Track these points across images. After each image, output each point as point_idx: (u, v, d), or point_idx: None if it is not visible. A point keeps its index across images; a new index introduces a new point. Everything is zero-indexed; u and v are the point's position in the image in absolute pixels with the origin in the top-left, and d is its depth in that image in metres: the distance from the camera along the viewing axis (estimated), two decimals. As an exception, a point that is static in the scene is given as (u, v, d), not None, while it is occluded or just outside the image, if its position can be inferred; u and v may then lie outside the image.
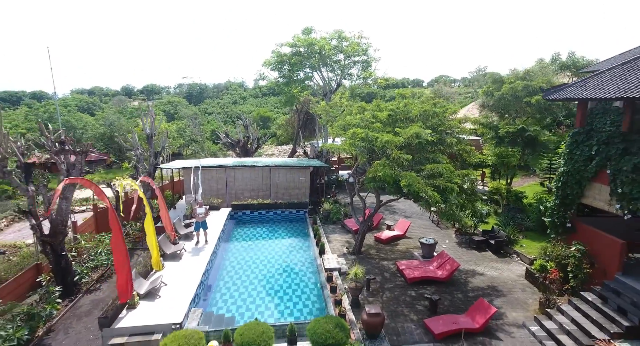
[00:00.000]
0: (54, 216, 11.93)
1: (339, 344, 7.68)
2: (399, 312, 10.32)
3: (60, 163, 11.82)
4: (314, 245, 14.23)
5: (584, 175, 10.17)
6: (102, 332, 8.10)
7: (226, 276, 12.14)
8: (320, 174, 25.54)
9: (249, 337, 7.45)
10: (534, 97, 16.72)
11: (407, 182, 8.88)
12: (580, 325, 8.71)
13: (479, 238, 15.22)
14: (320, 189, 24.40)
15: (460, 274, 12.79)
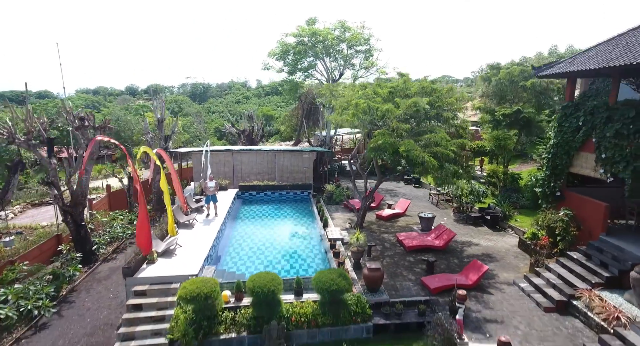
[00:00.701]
0: (74, 187, 12.75)
1: (342, 290, 8.40)
2: (397, 273, 11.04)
3: (80, 138, 12.61)
4: (318, 220, 14.96)
5: (572, 145, 10.82)
6: (126, 281, 8.87)
7: (235, 244, 12.92)
8: (324, 162, 26.23)
9: (259, 283, 8.18)
10: (529, 80, 17.34)
11: (406, 148, 9.58)
12: (565, 279, 9.39)
13: (475, 214, 15.89)
14: (324, 176, 25.11)
15: (456, 244, 13.47)
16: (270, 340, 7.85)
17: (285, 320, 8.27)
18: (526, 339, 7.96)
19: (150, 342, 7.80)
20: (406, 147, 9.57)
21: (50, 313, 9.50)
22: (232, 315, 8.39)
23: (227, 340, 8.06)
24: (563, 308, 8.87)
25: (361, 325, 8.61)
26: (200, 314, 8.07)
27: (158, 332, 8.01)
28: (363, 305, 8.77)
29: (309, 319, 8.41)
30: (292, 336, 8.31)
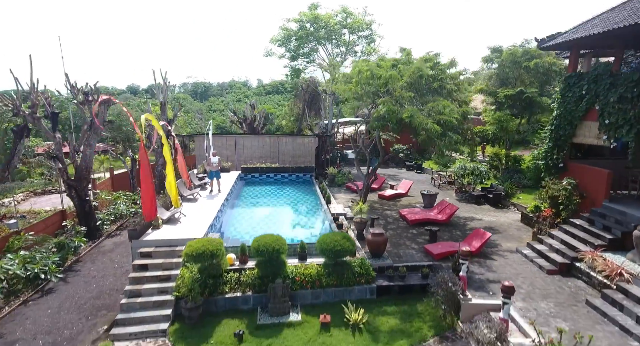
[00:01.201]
0: (78, 162, 12.82)
1: (346, 251, 8.46)
2: (400, 243, 11.09)
3: (84, 113, 12.66)
4: (321, 197, 15.01)
5: (575, 115, 10.84)
6: (132, 243, 8.93)
7: (238, 217, 13.01)
8: (325, 150, 26.27)
9: (264, 242, 8.24)
10: (533, 60, 17.32)
11: (409, 114, 9.61)
12: (568, 244, 9.43)
13: (477, 193, 15.92)
14: (326, 164, 25.15)
15: (459, 219, 13.51)
16: (275, 298, 7.91)
17: (289, 280, 8.33)
18: (529, 296, 8.01)
19: (156, 299, 7.87)
20: (409, 114, 9.60)
21: (57, 278, 9.58)
22: (237, 276, 8.46)
23: (232, 298, 8.13)
24: (566, 270, 8.92)
25: (365, 286, 8.66)
26: (205, 272, 8.14)
27: (164, 290, 8.08)
28: (367, 267, 8.83)
29: (313, 279, 8.47)
30: (297, 296, 8.37)
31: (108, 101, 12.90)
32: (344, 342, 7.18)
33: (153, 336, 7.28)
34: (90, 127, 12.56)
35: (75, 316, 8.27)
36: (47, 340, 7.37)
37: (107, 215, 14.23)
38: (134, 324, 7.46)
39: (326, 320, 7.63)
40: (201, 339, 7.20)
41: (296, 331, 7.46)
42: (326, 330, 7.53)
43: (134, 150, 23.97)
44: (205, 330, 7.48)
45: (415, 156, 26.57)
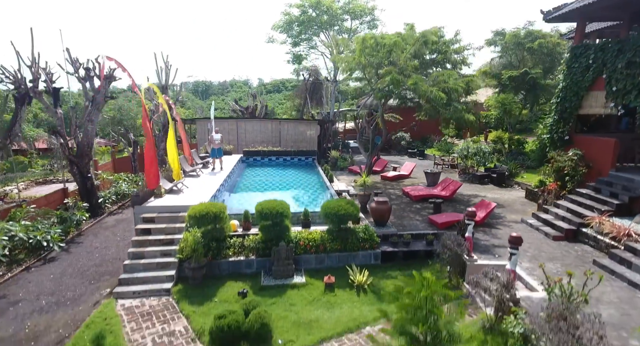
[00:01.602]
0: (80, 138, 12.76)
1: (350, 215, 8.38)
2: (404, 216, 11.01)
3: (86, 88, 12.60)
4: (324, 177, 14.91)
5: (581, 85, 10.74)
6: (135, 209, 8.88)
7: (241, 191, 12.96)
8: (327, 139, 26.17)
9: (267, 206, 8.17)
10: (536, 41, 17.19)
11: (414, 81, 9.52)
12: (574, 211, 9.34)
13: (481, 173, 15.83)
14: (328, 151, 25.05)
15: (462, 196, 13.42)
16: (279, 260, 7.85)
17: (293, 244, 8.26)
18: (535, 258, 7.94)
19: (159, 261, 7.81)
20: (414, 81, 9.51)
21: (59, 247, 9.53)
22: (240, 241, 8.39)
23: (235, 262, 8.07)
24: (572, 236, 8.84)
25: (369, 252, 8.59)
26: (209, 235, 8.07)
27: (167, 253, 8.02)
28: (371, 233, 8.76)
29: (317, 244, 8.40)
30: (300, 260, 8.30)
31: (110, 77, 12.85)
32: (349, 301, 7.12)
33: (157, 295, 7.23)
34: (91, 103, 12.49)
35: (78, 280, 8.22)
36: (51, 300, 7.33)
37: (109, 194, 14.18)
38: (137, 283, 7.41)
39: (330, 280, 7.56)
40: (205, 298, 7.14)
41: (300, 292, 7.40)
42: (330, 290, 7.46)
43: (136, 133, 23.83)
44: (209, 290, 7.42)
45: (418, 143, 26.49)
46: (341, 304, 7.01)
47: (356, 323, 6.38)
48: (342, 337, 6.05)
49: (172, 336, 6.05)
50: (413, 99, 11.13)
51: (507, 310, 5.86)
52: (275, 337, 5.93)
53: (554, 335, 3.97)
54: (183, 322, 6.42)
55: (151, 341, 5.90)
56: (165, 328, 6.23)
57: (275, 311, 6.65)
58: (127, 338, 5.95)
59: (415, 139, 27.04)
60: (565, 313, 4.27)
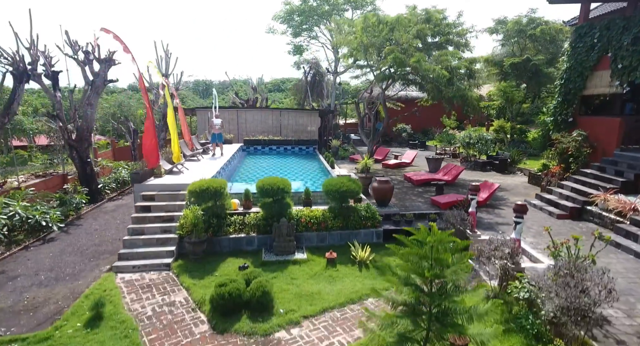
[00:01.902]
0: (79, 122, 12.66)
1: (352, 191, 8.29)
2: (407, 198, 10.91)
3: (85, 72, 12.49)
4: (325, 163, 14.83)
5: (586, 65, 10.62)
6: (134, 187, 8.79)
7: (242, 175, 12.87)
8: (328, 131, 26.05)
9: (268, 182, 8.08)
10: (539, 27, 17.04)
11: (416, 59, 9.40)
12: (579, 190, 9.24)
13: (483, 161, 15.72)
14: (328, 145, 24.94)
15: (465, 182, 13.31)
16: (280, 237, 7.76)
17: (295, 220, 8.17)
18: (539, 234, 7.84)
19: (160, 237, 7.72)
20: (417, 59, 9.39)
21: (58, 227, 9.46)
22: (241, 219, 8.31)
23: (236, 239, 7.99)
24: (576, 214, 8.74)
25: (371, 230, 8.51)
26: (209, 211, 7.98)
27: (167, 230, 7.94)
28: (373, 212, 8.67)
29: (319, 221, 8.31)
30: (302, 237, 8.22)
31: (110, 60, 12.74)
32: (351, 276, 7.03)
33: (157, 269, 7.15)
34: (91, 87, 12.39)
35: (78, 258, 8.14)
36: (50, 275, 7.24)
37: (109, 180, 14.09)
38: (137, 259, 7.33)
39: (332, 256, 7.48)
40: (205, 272, 7.06)
41: (302, 267, 7.31)
42: (332, 265, 7.38)
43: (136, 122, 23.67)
44: (210, 266, 7.33)
45: (419, 135, 26.38)
46: (343, 278, 6.93)
47: (358, 295, 6.30)
48: (345, 307, 5.97)
49: (172, 306, 5.97)
50: (415, 81, 10.99)
51: (511, 279, 5.78)
52: (277, 307, 5.84)
53: (562, 290, 3.87)
54: (183, 294, 6.34)
55: (151, 310, 5.82)
56: (166, 299, 6.15)
57: (276, 284, 6.57)
58: (126, 308, 5.87)
59: (417, 131, 26.93)
60: (573, 271, 4.17)
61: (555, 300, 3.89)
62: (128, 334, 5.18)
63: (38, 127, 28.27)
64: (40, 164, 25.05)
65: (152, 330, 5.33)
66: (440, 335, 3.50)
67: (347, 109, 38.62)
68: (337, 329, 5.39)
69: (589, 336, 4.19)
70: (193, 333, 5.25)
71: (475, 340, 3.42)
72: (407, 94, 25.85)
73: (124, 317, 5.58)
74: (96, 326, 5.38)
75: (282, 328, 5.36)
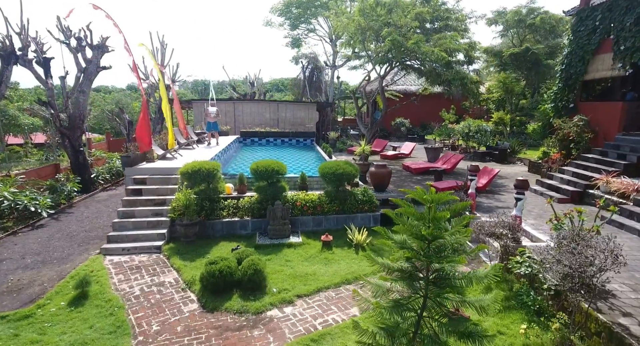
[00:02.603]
0: (71, 110, 12.43)
1: (349, 174, 8.09)
2: (405, 185, 10.71)
3: (77, 58, 12.26)
4: (322, 153, 14.64)
5: (587, 49, 10.43)
6: (125, 170, 8.57)
7: (239, 164, 12.67)
8: (326, 125, 25.85)
9: (263, 165, 7.87)
10: (538, 16, 16.85)
11: (415, 41, 9.20)
12: (580, 175, 9.05)
13: (482, 151, 15.54)
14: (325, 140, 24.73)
15: (464, 170, 13.11)
16: (274, 220, 7.56)
17: (290, 204, 7.96)
18: (541, 216, 7.66)
19: (151, 220, 7.51)
20: (415, 40, 9.19)
21: (47, 213, 9.24)
22: (235, 202, 8.10)
23: (230, 222, 7.78)
24: (578, 198, 8.56)
25: (368, 214, 8.31)
26: (202, 194, 7.77)
27: (159, 213, 7.72)
28: (370, 196, 8.47)
29: (315, 205, 8.11)
30: (297, 221, 8.02)
31: (102, 47, 12.51)
32: (347, 258, 6.83)
33: (147, 252, 6.94)
34: (83, 73, 12.17)
35: (66, 243, 7.92)
36: (37, 259, 7.02)
37: (102, 170, 13.86)
38: (127, 241, 7.12)
39: (328, 239, 7.29)
40: (197, 255, 6.85)
41: (297, 250, 7.11)
42: (328, 248, 7.18)
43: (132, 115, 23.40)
44: (202, 249, 7.13)
45: (418, 129, 26.18)
46: (339, 260, 6.73)
47: (354, 275, 6.10)
48: (340, 288, 5.77)
49: (161, 286, 5.76)
50: (414, 65, 10.79)
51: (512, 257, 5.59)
52: (270, 286, 5.64)
53: (565, 258, 3.67)
54: (173, 275, 6.14)
55: (139, 290, 5.61)
56: (155, 280, 5.95)
57: (270, 266, 6.37)
58: (113, 288, 5.66)
59: (415, 125, 26.75)
60: (578, 240, 3.98)
61: (559, 268, 3.69)
62: (114, 312, 4.97)
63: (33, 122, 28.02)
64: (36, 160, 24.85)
65: (139, 308, 5.12)
66: (438, 301, 3.29)
67: (345, 108, 38.46)
68: (332, 307, 5.19)
69: (594, 308, 3.99)
70: (182, 311, 5.05)
71: (475, 306, 3.22)
72: (405, 88, 25.69)
73: (110, 296, 5.37)
74: (81, 304, 5.18)
75: (274, 306, 5.16)
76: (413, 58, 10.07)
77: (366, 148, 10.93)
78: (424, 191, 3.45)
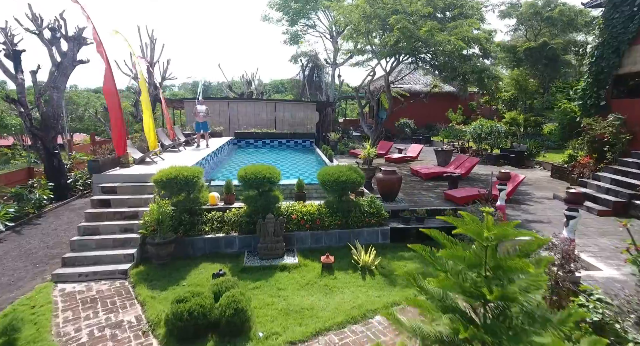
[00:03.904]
0: (44, 108, 11.22)
1: (353, 182, 6.87)
2: (415, 193, 9.48)
3: (51, 51, 11.07)
4: (323, 156, 13.40)
5: (622, 39, 9.21)
6: (93, 178, 7.36)
7: (231, 169, 11.45)
8: (326, 126, 24.64)
9: (252, 172, 6.66)
10: (556, 8, 15.63)
11: (428, 28, 7.99)
12: (622, 182, 7.83)
13: (496, 154, 14.31)
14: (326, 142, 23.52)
15: (479, 175, 11.90)
16: (266, 237, 6.35)
17: (285, 217, 6.75)
18: (584, 234, 6.43)
19: (118, 237, 6.29)
20: (429, 28, 7.98)
21: (4, 226, 8.03)
22: (220, 215, 6.89)
23: (213, 239, 6.57)
24: (622, 210, 7.33)
25: (376, 229, 7.09)
26: (181, 206, 6.56)
27: (129, 228, 6.51)
28: (378, 207, 7.25)
29: (314, 218, 6.89)
30: (293, 238, 6.80)
31: (79, 38, 11.32)
32: (353, 285, 5.61)
33: (109, 277, 5.71)
34: (57, 68, 10.97)
35: (21, 263, 6.69)
36: (-26, 285, 5.80)
37: (82, 174, 12.64)
38: (86, 264, 5.90)
39: (329, 260, 6.06)
40: (171, 281, 5.63)
41: (292, 275, 5.89)
42: (329, 272, 5.96)
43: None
44: (178, 273, 5.91)
45: (423, 131, 24.98)
46: (342, 288, 5.51)
47: (362, 310, 4.88)
48: (344, 329, 4.54)
49: (117, 328, 4.53)
50: (425, 59, 9.59)
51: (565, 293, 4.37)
52: (255, 329, 4.42)
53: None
54: (136, 310, 4.91)
55: (88, 334, 4.39)
56: (111, 319, 4.72)
57: (258, 296, 5.16)
58: (55, 331, 4.43)
59: (420, 126, 25.55)
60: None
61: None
62: (44, 371, 3.75)
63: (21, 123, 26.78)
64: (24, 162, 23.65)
65: (81, 364, 3.89)
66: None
67: (346, 109, 37.28)
68: (335, 362, 3.97)
69: None
70: (135, 370, 3.83)
71: None
72: (410, 87, 24.48)
73: (46, 345, 4.15)
74: (4, 359, 3.95)
75: (259, 360, 3.94)
76: (424, 49, 8.84)
77: (371, 151, 9.73)
78: (474, 219, 2.23)
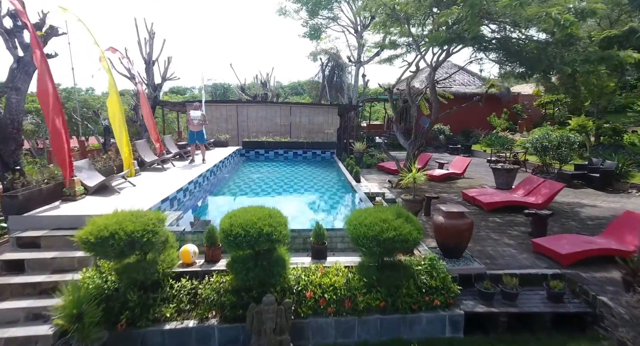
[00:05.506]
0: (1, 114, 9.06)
1: (405, 241, 4.14)
2: (484, 237, 6.62)
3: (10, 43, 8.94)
4: (347, 174, 10.73)
5: None
6: (8, 222, 4.95)
7: (228, 191, 8.94)
8: (349, 133, 21.94)
9: (243, 222, 4.05)
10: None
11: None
12: None
13: (571, 173, 11.15)
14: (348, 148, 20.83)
15: (560, 205, 8.88)
16: (261, 335, 3.74)
17: (294, 295, 4.13)
18: None
19: (14, 333, 3.82)
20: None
21: None
22: (190, 287, 4.33)
23: (177, 331, 4.02)
24: None
25: (441, 314, 4.34)
26: (128, 275, 4.04)
27: (38, 314, 4.03)
28: (443, 275, 4.51)
29: (340, 297, 4.22)
30: (307, 328, 4.17)
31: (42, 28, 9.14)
32: None
33: None
34: (18, 64, 8.81)
35: None
36: None
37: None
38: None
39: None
40: None
41: None
42: None
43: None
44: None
45: (459, 138, 21.87)
46: None
47: None
48: None
49: None
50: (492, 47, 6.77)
51: None
52: None
53: None
54: None
55: None
56: None
57: None
58: None
59: (455, 133, 22.45)
60: None
61: None
62: None
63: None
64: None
65: None
66: None
67: (370, 112, 34.36)
68: None
69: None
70: None
71: None
72: (457, 90, 21.47)
73: None
74: None
75: None
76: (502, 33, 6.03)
77: (418, 176, 6.98)
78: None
